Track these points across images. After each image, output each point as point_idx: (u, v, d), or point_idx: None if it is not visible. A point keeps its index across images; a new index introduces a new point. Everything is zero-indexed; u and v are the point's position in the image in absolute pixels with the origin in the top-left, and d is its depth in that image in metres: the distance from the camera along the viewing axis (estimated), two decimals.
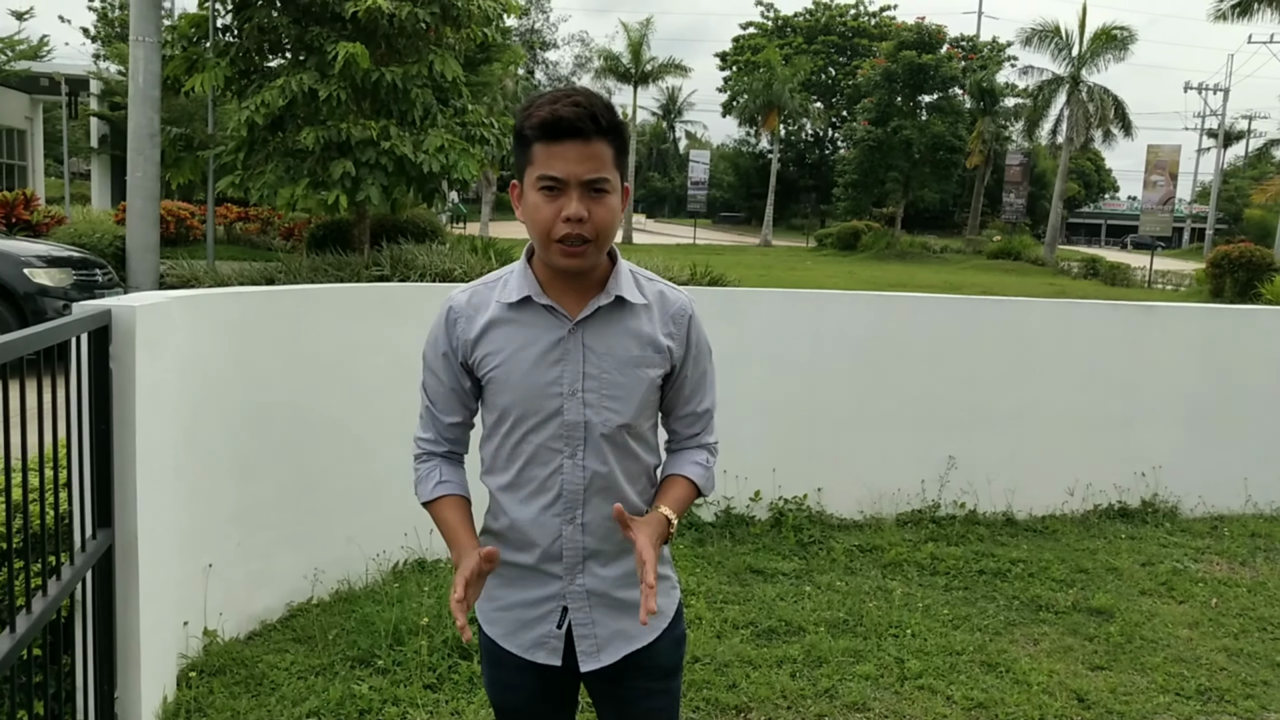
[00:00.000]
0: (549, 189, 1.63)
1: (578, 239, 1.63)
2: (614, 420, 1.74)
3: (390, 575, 4.29)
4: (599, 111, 1.61)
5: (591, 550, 1.77)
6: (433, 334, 1.82)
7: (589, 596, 1.78)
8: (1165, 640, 4.08)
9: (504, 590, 1.81)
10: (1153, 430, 5.80)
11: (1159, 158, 30.48)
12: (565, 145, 1.60)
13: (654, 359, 1.76)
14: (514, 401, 1.73)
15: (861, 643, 3.92)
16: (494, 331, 1.74)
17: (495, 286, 1.77)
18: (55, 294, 9.14)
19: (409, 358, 4.40)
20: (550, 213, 1.63)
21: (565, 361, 1.72)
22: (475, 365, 1.77)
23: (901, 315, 5.60)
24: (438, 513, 1.81)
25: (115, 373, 2.79)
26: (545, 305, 1.72)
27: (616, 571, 1.79)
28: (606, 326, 1.73)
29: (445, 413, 1.83)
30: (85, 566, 2.58)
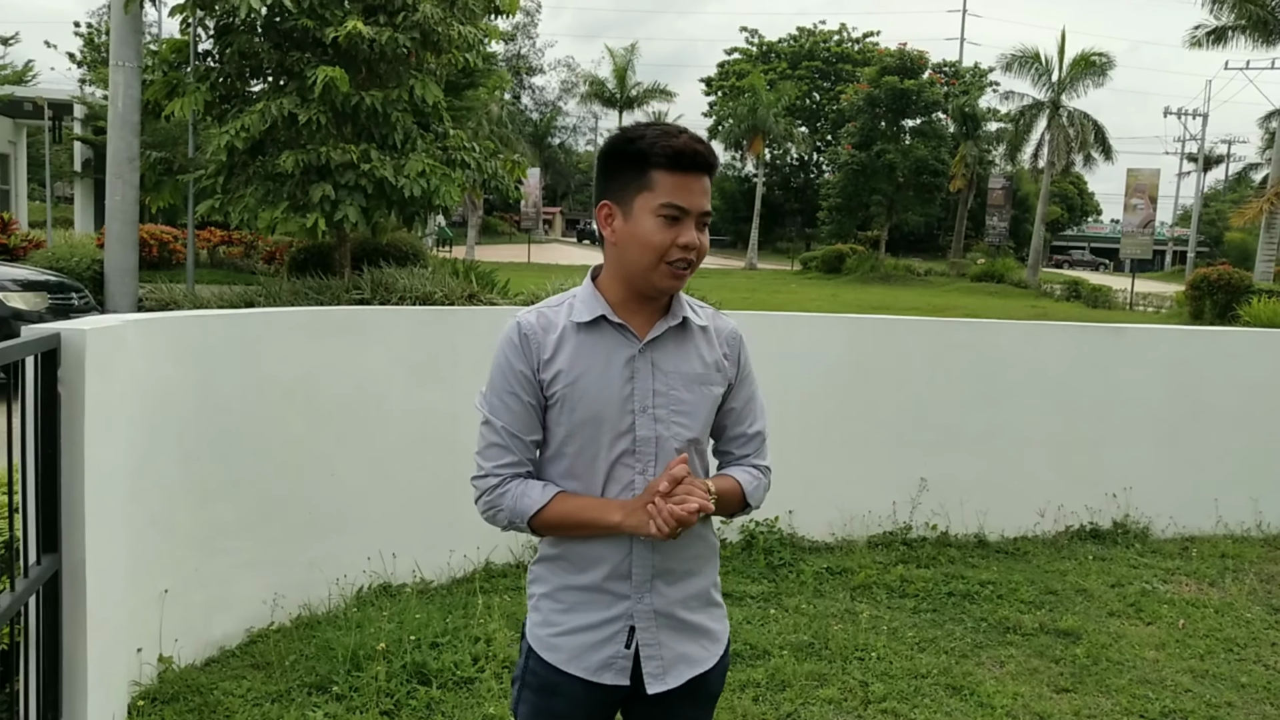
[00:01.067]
0: (671, 217, 1.73)
1: (685, 263, 1.75)
2: (684, 435, 1.81)
3: (353, 600, 4.26)
4: (709, 152, 1.76)
5: (660, 569, 1.82)
6: (503, 357, 1.82)
7: (656, 616, 1.82)
8: (1131, 662, 4.07)
9: (565, 615, 1.83)
10: (1123, 451, 5.81)
11: (1138, 181, 30.75)
12: (690, 177, 1.73)
13: (715, 377, 1.86)
14: (587, 418, 1.78)
15: (826, 666, 3.90)
16: (566, 349, 1.79)
17: (561, 308, 1.83)
18: (30, 318, 9.09)
19: (374, 380, 4.42)
20: (667, 238, 1.73)
21: (636, 379, 1.79)
22: (547, 383, 1.80)
23: (872, 337, 5.62)
24: (561, 505, 1.79)
25: (64, 396, 2.76)
26: (617, 324, 1.79)
27: (682, 593, 1.85)
28: (672, 347, 1.83)
29: (527, 431, 1.82)
30: (27, 592, 2.54)
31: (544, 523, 1.79)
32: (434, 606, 4.14)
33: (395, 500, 4.48)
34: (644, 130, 1.75)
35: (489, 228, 48.30)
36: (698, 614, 1.87)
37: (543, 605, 1.86)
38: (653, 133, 1.74)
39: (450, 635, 3.83)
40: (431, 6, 11.99)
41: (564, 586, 1.83)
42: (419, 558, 4.52)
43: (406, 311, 5.01)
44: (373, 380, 4.40)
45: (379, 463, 4.42)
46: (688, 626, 1.85)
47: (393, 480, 4.48)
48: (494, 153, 14.04)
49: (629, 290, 1.80)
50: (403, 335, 4.55)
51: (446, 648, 3.73)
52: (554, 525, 1.80)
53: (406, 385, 4.52)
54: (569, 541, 1.82)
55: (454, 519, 4.67)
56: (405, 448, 4.52)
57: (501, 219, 54.01)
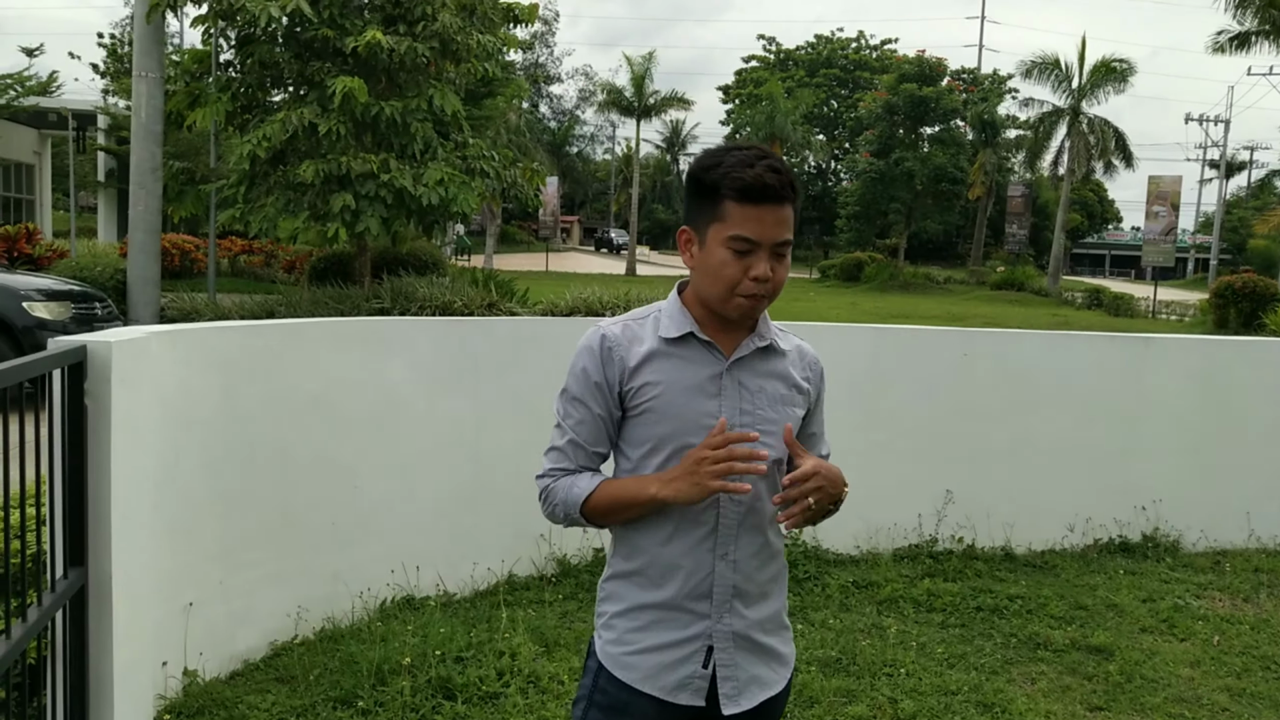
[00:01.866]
0: (741, 250, 1.70)
1: (759, 295, 1.73)
2: (769, 455, 1.77)
3: (376, 613, 4.23)
4: (792, 178, 1.72)
5: (740, 589, 1.80)
6: (579, 366, 1.82)
7: (734, 638, 1.80)
8: (1166, 680, 4.00)
9: (641, 634, 1.80)
10: (1153, 463, 5.72)
11: (1160, 188, 30.51)
12: (763, 209, 1.69)
13: (797, 399, 1.86)
14: (673, 431, 1.76)
15: (854, 682, 3.84)
16: (654, 362, 1.78)
17: (646, 322, 1.83)
18: (54, 327, 9.13)
19: (395, 390, 4.40)
20: (738, 270, 1.71)
21: (722, 396, 1.78)
22: (630, 394, 1.79)
23: (896, 347, 5.56)
24: (606, 490, 1.78)
25: (90, 409, 2.75)
26: (705, 341, 1.78)
27: (759, 614, 1.83)
28: (757, 366, 1.82)
29: (592, 442, 1.83)
30: (55, 607, 2.52)
31: (594, 509, 1.79)
32: (458, 620, 4.11)
33: (418, 511, 4.46)
34: (722, 157, 1.73)
35: (507, 236, 48.42)
36: (771, 637, 1.86)
37: (616, 623, 1.84)
38: (730, 161, 1.71)
39: (475, 650, 3.79)
40: (451, 16, 12.05)
41: (641, 605, 1.81)
42: (442, 570, 4.49)
43: (427, 321, 5.00)
44: (394, 390, 4.38)
45: (401, 473, 4.40)
46: (761, 649, 1.83)
47: (415, 491, 4.46)
48: (513, 161, 14.06)
49: (709, 311, 1.80)
50: (424, 345, 4.53)
51: (471, 662, 3.70)
52: (603, 511, 1.79)
53: (428, 395, 4.50)
54: (643, 555, 1.80)
55: (477, 530, 4.66)
56: (427, 458, 4.50)
57: (519, 228, 54.16)
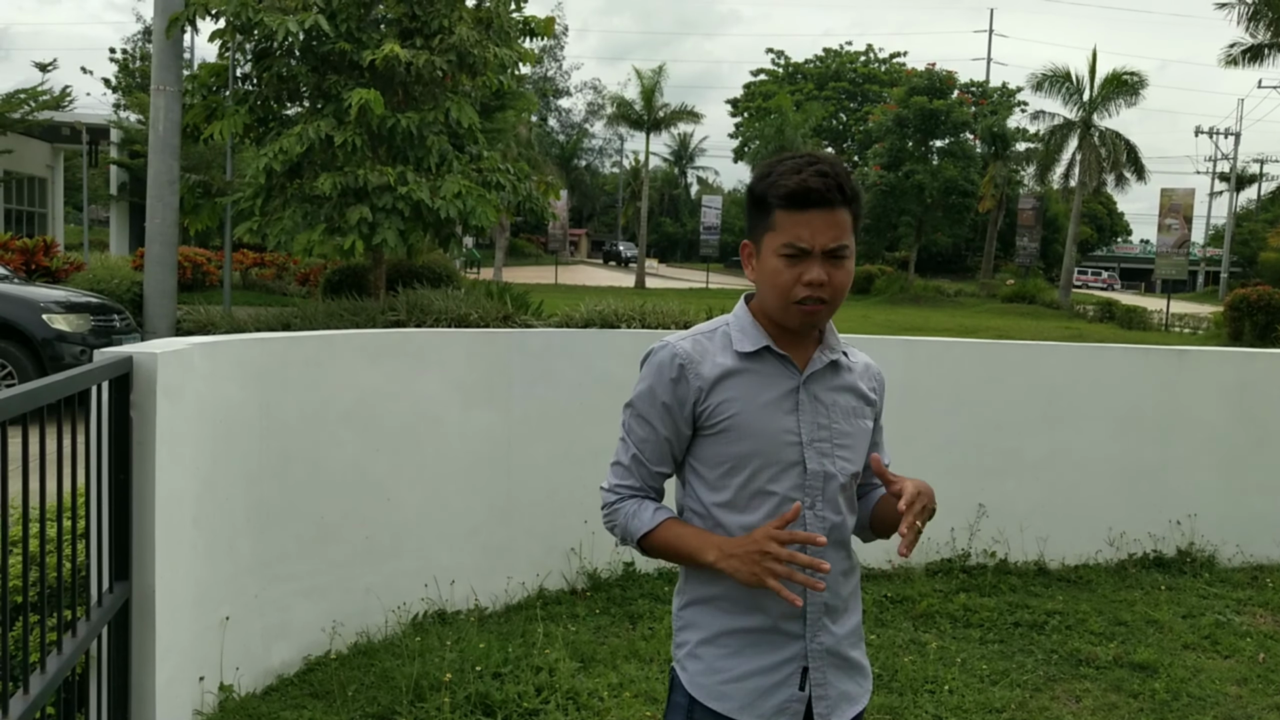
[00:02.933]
0: (791, 256, 1.68)
1: (816, 300, 1.69)
2: (849, 469, 1.78)
3: (410, 627, 4.18)
4: (844, 181, 1.67)
5: (829, 605, 1.76)
6: (648, 383, 1.78)
7: (827, 655, 1.76)
8: (1213, 698, 3.93)
9: (733, 660, 1.74)
10: (1187, 477, 5.66)
11: (1173, 201, 30.40)
12: (811, 214, 1.67)
13: (867, 411, 1.84)
14: (753, 450, 1.72)
15: (897, 699, 3.78)
16: (731, 379, 1.74)
17: (715, 336, 1.79)
18: (73, 339, 9.15)
19: (429, 403, 4.36)
20: (791, 278, 1.68)
21: (800, 412, 1.75)
22: (706, 413, 1.74)
23: (928, 359, 5.51)
24: (667, 531, 1.75)
25: (136, 421, 2.73)
26: (780, 355, 1.76)
27: (845, 628, 1.80)
28: (829, 380, 1.79)
29: (655, 462, 1.80)
30: (101, 622, 2.49)
31: (652, 546, 1.76)
32: (493, 635, 4.06)
33: (450, 525, 4.41)
34: (774, 167, 1.71)
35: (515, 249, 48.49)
36: (856, 650, 1.83)
37: (703, 652, 1.77)
38: (780, 169, 1.69)
39: (512, 665, 3.74)
40: (468, 29, 12.06)
41: (729, 630, 1.75)
42: (475, 584, 4.45)
43: (461, 333, 4.97)
44: (428, 403, 4.34)
45: (434, 487, 4.36)
46: (849, 664, 1.80)
47: (448, 505, 4.41)
48: (528, 174, 14.06)
49: (775, 324, 1.77)
50: (458, 357, 4.50)
51: (509, 678, 3.65)
52: (659, 551, 1.77)
53: (462, 408, 4.46)
54: (722, 582, 1.73)
55: (509, 544, 4.62)
56: (460, 472, 4.46)
57: (528, 241, 54.24)
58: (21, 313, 9.01)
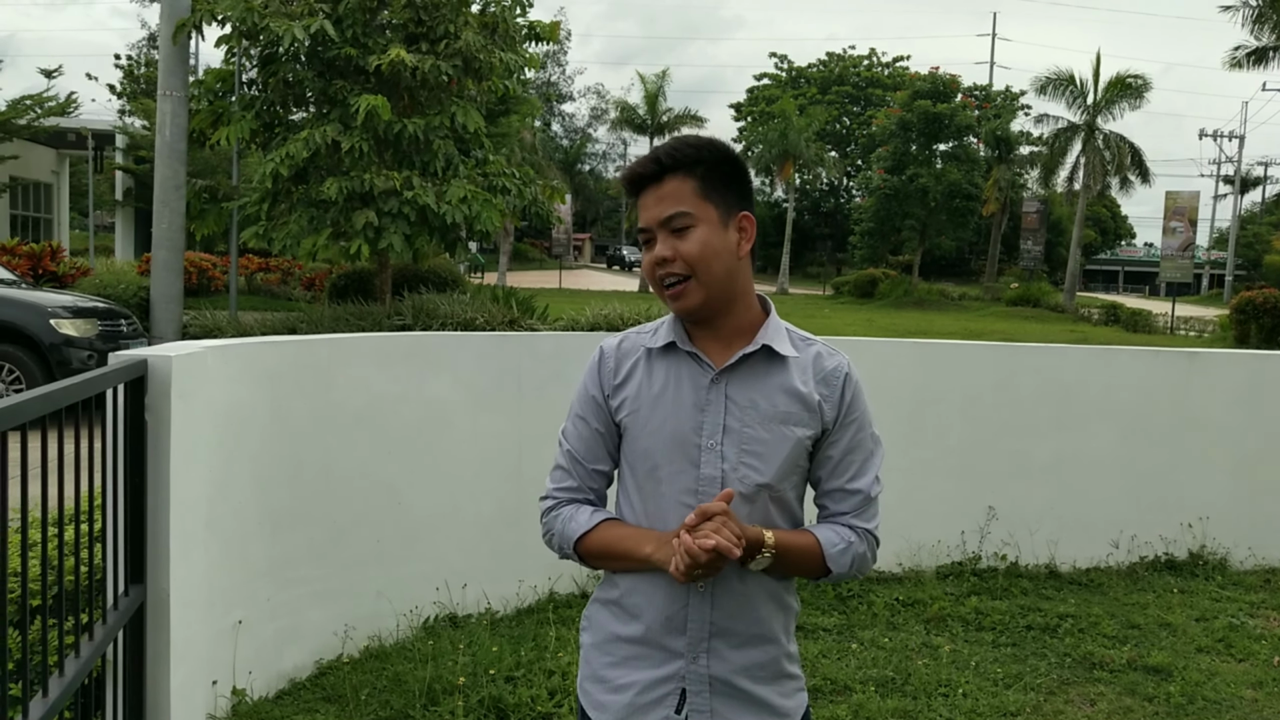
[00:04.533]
0: (646, 242, 1.67)
1: (674, 278, 1.62)
2: (753, 478, 1.62)
3: (421, 631, 4.17)
4: (664, 153, 1.63)
5: (720, 627, 1.63)
6: (582, 379, 1.77)
7: (711, 682, 1.63)
8: (1229, 701, 3.90)
9: (617, 670, 1.67)
10: (1198, 479, 5.64)
11: (1178, 204, 30.38)
12: (644, 196, 1.65)
13: (803, 417, 1.64)
14: (650, 448, 1.65)
15: (911, 703, 3.77)
16: (637, 375, 1.70)
17: (646, 334, 1.74)
18: (81, 344, 9.15)
19: (441, 407, 4.35)
20: (648, 262, 1.66)
21: (706, 411, 1.64)
22: (616, 409, 1.71)
23: (939, 363, 5.50)
24: (605, 533, 1.66)
25: (150, 424, 2.72)
26: (689, 352, 1.67)
27: (746, 659, 1.64)
28: (752, 379, 1.65)
29: (590, 459, 1.73)
30: (117, 625, 2.48)
31: (589, 550, 1.67)
32: (504, 638, 4.05)
33: (462, 528, 4.40)
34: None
35: (519, 254, 48.53)
36: (763, 686, 1.64)
37: (592, 657, 1.72)
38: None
39: (525, 669, 3.73)
40: (474, 34, 12.07)
41: (614, 637, 1.68)
42: (486, 587, 4.44)
43: (471, 336, 4.96)
44: (439, 406, 4.34)
45: (445, 490, 4.35)
46: (749, 698, 1.63)
47: (459, 508, 4.41)
48: (532, 179, 14.08)
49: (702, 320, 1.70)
50: (468, 360, 4.50)
51: (522, 682, 3.64)
52: (597, 554, 1.67)
53: (472, 411, 4.46)
54: (622, 583, 1.67)
55: (520, 548, 4.59)
56: (471, 475, 4.45)
57: (532, 245, 54.29)
58: (29, 318, 9.02)
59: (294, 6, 11.88)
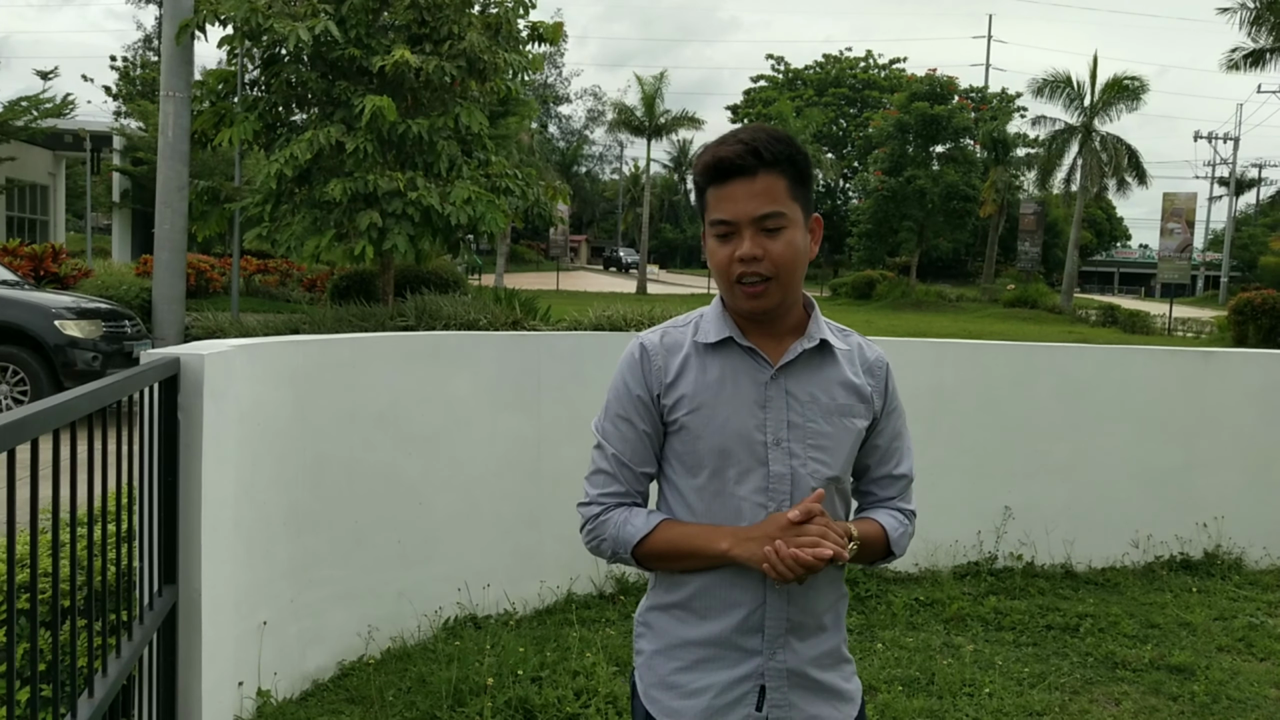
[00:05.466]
0: (722, 235, 1.59)
1: (755, 278, 1.57)
2: (823, 472, 1.62)
3: (443, 632, 4.15)
4: (762, 145, 1.55)
5: (795, 623, 1.62)
6: (620, 379, 1.68)
7: (789, 676, 1.62)
8: (1254, 701, 3.90)
9: (688, 674, 1.63)
10: (1214, 479, 5.64)
11: (1175, 205, 30.45)
12: (733, 186, 1.56)
13: (859, 408, 1.67)
14: (713, 449, 1.60)
15: (937, 702, 3.75)
16: (691, 373, 1.63)
17: (688, 328, 1.68)
18: (85, 345, 9.11)
19: (461, 407, 4.33)
20: (725, 256, 1.59)
21: (768, 408, 1.61)
22: (669, 409, 1.63)
23: (955, 362, 5.49)
24: (666, 532, 1.61)
25: (182, 423, 2.70)
26: (746, 348, 1.63)
27: (816, 650, 1.65)
28: (809, 373, 1.64)
29: (638, 462, 1.66)
30: (154, 625, 2.46)
31: (649, 552, 1.62)
32: (527, 639, 4.03)
33: (482, 529, 4.39)
34: (706, 147, 1.64)
35: (516, 255, 48.50)
36: (829, 673, 1.67)
37: (657, 664, 1.66)
38: (706, 148, 1.62)
39: (550, 669, 3.72)
40: (477, 35, 12.06)
41: (683, 642, 1.63)
42: (507, 588, 4.42)
43: (491, 336, 4.95)
44: (459, 406, 4.32)
45: (465, 490, 4.33)
46: (820, 687, 1.65)
47: (479, 508, 4.39)
48: (535, 180, 14.07)
49: (739, 314, 1.66)
50: (488, 361, 4.48)
51: (548, 683, 3.62)
52: (660, 555, 1.62)
53: (492, 411, 4.44)
54: (689, 585, 1.63)
55: (539, 548, 4.59)
56: (491, 475, 4.43)
57: (529, 247, 54.27)
58: (34, 319, 8.98)
59: (297, 7, 11.86)
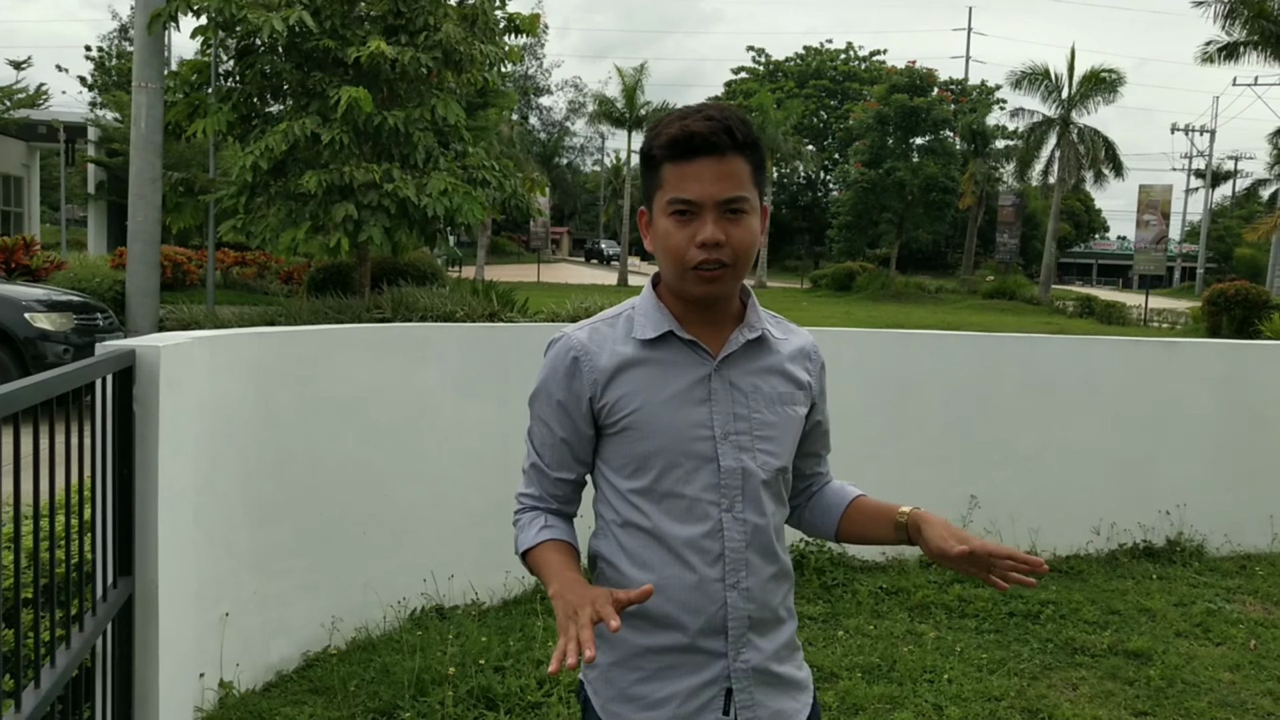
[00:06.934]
0: (681, 213, 1.49)
1: (715, 264, 1.49)
2: (772, 464, 1.59)
3: (409, 623, 4.17)
4: (734, 125, 1.48)
5: (755, 619, 1.58)
6: (544, 380, 1.61)
7: (754, 675, 1.58)
8: (1208, 684, 3.97)
9: (650, 685, 1.57)
10: (1176, 467, 5.71)
11: (1151, 197, 30.72)
12: (698, 164, 1.47)
13: (798, 395, 1.64)
14: (659, 448, 1.54)
15: (897, 689, 3.80)
16: (630, 371, 1.56)
17: (618, 323, 1.60)
18: (56, 338, 9.05)
19: (428, 398, 4.34)
20: (683, 239, 1.49)
21: (713, 402, 1.56)
22: (606, 411, 1.57)
23: (921, 353, 5.54)
24: (540, 555, 1.58)
25: (138, 415, 2.70)
26: (688, 340, 1.56)
27: (775, 643, 1.62)
28: (749, 363, 1.60)
29: (554, 467, 1.63)
30: (107, 617, 2.47)
31: (528, 566, 1.61)
32: (492, 629, 4.05)
33: (449, 520, 4.40)
34: (659, 120, 1.53)
35: (497, 248, 48.37)
36: (787, 665, 1.64)
37: (616, 676, 1.58)
38: (665, 120, 1.52)
39: (513, 659, 3.74)
40: (453, 26, 12.02)
41: (642, 650, 1.56)
42: (474, 579, 4.44)
43: (458, 328, 4.96)
44: (426, 398, 4.33)
45: (432, 482, 4.34)
46: (781, 680, 1.62)
47: (446, 500, 4.40)
48: (513, 171, 14.05)
49: (682, 302, 1.57)
50: (455, 353, 4.49)
51: (511, 672, 3.64)
52: (532, 572, 1.61)
53: (460, 402, 4.45)
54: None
55: (506, 539, 4.58)
56: (458, 467, 4.44)
57: (510, 239, 54.13)
58: (4, 311, 8.90)
59: None
